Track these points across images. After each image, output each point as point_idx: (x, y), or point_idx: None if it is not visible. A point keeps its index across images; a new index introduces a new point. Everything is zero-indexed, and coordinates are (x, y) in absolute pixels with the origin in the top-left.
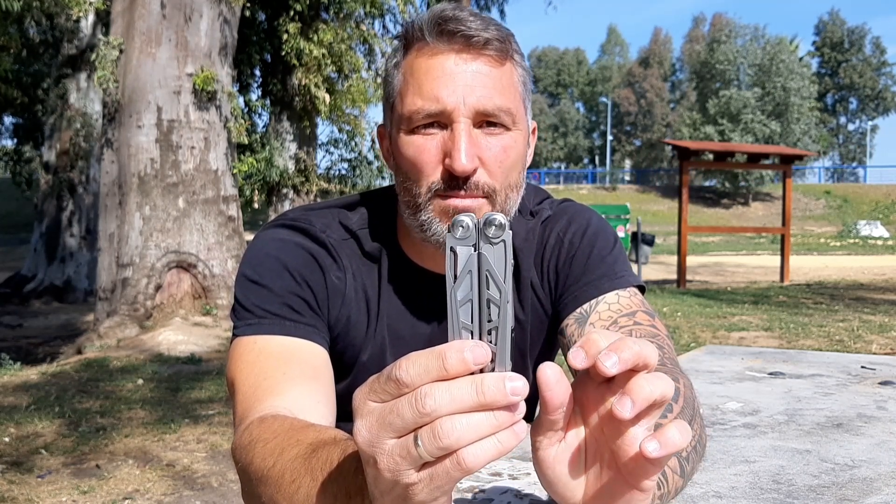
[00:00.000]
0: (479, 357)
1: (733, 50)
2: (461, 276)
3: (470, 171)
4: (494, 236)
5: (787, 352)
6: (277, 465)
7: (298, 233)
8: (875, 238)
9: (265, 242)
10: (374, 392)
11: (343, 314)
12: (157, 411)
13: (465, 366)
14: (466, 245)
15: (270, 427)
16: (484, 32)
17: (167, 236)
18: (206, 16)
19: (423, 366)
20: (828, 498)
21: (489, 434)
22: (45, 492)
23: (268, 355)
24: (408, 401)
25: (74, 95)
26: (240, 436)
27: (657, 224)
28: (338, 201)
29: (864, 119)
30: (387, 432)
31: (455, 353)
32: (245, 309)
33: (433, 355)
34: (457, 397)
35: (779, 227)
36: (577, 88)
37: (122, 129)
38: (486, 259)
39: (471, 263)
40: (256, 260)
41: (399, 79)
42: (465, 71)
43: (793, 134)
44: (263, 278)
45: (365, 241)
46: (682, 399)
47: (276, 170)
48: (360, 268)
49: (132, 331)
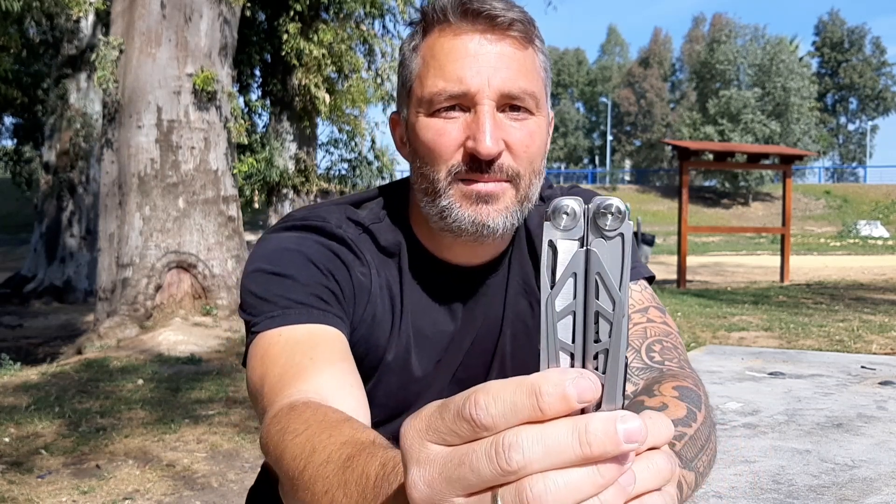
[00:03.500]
0: (586, 392)
1: (733, 50)
2: (561, 280)
3: (495, 154)
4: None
5: (787, 352)
6: (308, 470)
7: (313, 232)
8: (875, 238)
9: (280, 240)
10: (436, 431)
11: (368, 312)
12: (158, 411)
13: (566, 404)
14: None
15: (301, 416)
16: (509, 13)
17: (167, 236)
18: (206, 16)
19: (509, 403)
20: (828, 498)
21: (592, 495)
22: (45, 492)
23: (294, 343)
24: (486, 451)
25: (74, 95)
26: (267, 426)
27: (657, 224)
28: (343, 199)
29: (864, 119)
30: (455, 489)
31: (553, 388)
32: (265, 301)
33: (523, 388)
34: (553, 449)
35: (779, 227)
36: (577, 88)
37: (122, 130)
38: (597, 258)
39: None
40: (274, 255)
41: (418, 61)
42: (489, 52)
43: (793, 134)
44: (286, 269)
45: (380, 236)
46: (701, 413)
47: (276, 170)
48: (383, 264)
49: (132, 331)
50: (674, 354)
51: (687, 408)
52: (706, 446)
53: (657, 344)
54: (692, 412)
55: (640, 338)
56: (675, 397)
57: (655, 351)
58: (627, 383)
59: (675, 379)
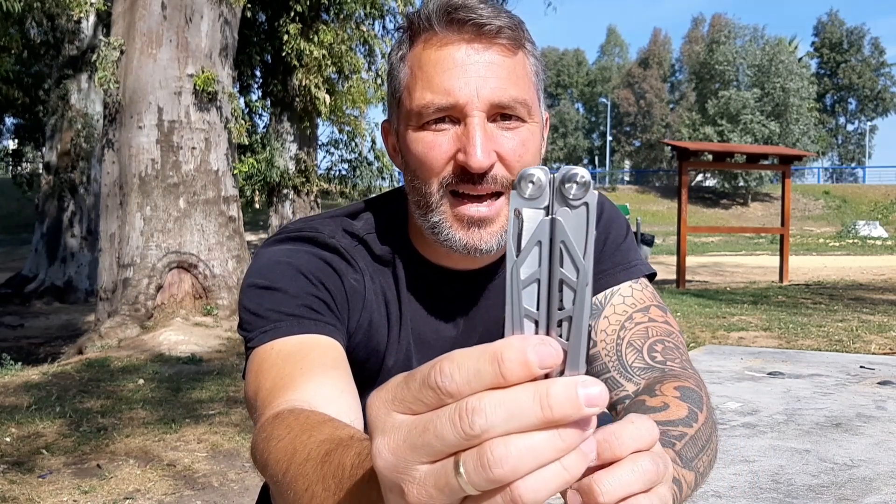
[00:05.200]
0: (547, 358)
1: (732, 51)
2: (526, 248)
3: (486, 167)
4: (575, 197)
5: (786, 352)
6: (291, 470)
7: (306, 242)
8: (874, 238)
9: (272, 253)
10: (401, 400)
11: (364, 318)
12: (158, 411)
13: (527, 370)
14: (536, 207)
15: (285, 422)
16: (496, 20)
17: (168, 237)
18: (207, 17)
19: (472, 370)
20: (827, 497)
21: (553, 459)
22: (46, 492)
23: (286, 355)
24: (449, 416)
25: (75, 96)
26: (255, 436)
27: (657, 224)
28: (339, 210)
29: (863, 119)
30: (418, 455)
31: (515, 354)
32: (258, 316)
33: (486, 356)
34: (515, 413)
35: (778, 228)
36: (577, 89)
37: (122, 130)
38: (562, 226)
39: (541, 232)
40: (266, 269)
41: (405, 72)
42: (477, 62)
43: (792, 134)
44: (276, 282)
45: (374, 246)
46: (703, 414)
47: (277, 170)
48: (375, 272)
49: (133, 331)
50: (675, 354)
51: (688, 408)
52: (707, 447)
53: (659, 344)
54: (693, 412)
55: (642, 337)
56: (677, 397)
57: (657, 351)
58: (629, 383)
59: (677, 379)
